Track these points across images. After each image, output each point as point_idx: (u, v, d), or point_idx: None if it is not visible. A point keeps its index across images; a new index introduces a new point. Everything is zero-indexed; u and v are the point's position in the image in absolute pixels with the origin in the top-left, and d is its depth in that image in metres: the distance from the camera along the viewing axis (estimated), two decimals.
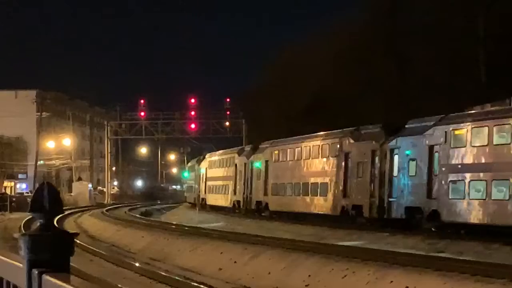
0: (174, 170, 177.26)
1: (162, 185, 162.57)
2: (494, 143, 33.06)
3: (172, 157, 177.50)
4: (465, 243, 29.65)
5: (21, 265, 3.69)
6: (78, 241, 36.46)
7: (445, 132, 36.00)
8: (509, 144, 32.21)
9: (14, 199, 79.46)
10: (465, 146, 34.78)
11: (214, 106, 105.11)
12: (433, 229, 35.85)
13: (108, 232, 46.09)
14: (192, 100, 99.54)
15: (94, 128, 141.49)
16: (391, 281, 20.31)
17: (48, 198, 3.58)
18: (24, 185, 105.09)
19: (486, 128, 33.56)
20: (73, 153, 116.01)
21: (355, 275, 21.71)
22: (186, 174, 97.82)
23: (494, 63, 54.69)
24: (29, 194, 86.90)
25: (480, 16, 57.17)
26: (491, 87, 50.46)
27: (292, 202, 52.46)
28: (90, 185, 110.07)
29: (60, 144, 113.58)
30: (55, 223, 3.72)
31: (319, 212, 48.47)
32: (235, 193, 64.74)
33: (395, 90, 62.34)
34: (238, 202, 63.83)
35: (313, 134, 52.19)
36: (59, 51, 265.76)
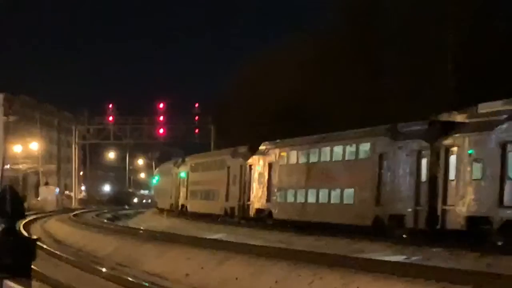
0: (142, 175, 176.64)
1: (130, 190, 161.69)
2: (300, 162, 45.87)
3: (140, 162, 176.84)
4: (432, 250, 29.80)
5: None
6: (44, 246, 36.16)
7: (276, 153, 49.02)
8: (306, 163, 44.79)
9: None
10: (285, 164, 47.76)
11: (183, 111, 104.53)
12: (271, 223, 47.54)
13: (75, 237, 45.81)
14: (161, 105, 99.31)
15: (62, 132, 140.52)
16: (357, 287, 20.38)
17: (10, 202, 3.54)
18: None
19: (295, 152, 46.64)
20: (41, 158, 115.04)
21: (322, 281, 21.75)
22: (154, 181, 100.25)
23: (464, 71, 55.11)
24: None
25: (450, 25, 57.60)
26: (460, 94, 50.88)
27: (201, 205, 65.08)
28: (57, 190, 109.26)
29: (28, 148, 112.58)
30: (18, 227, 3.68)
31: (214, 213, 59.82)
32: (171, 198, 76.49)
33: (369, 96, 62.44)
34: (172, 205, 75.76)
35: (215, 151, 67.72)
36: (27, 54, 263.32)
